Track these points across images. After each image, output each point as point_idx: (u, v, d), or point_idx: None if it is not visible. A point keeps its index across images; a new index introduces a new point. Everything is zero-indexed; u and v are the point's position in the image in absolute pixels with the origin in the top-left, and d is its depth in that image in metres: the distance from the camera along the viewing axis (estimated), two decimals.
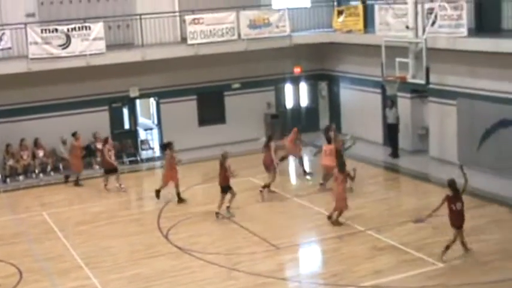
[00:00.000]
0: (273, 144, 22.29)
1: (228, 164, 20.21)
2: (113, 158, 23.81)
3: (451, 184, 16.36)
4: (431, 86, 22.63)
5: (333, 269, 16.29)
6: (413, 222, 18.97)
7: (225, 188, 20.24)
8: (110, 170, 23.84)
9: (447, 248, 16.33)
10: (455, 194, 16.33)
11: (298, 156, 24.35)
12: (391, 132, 25.94)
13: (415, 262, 16.34)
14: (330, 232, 18.65)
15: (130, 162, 27.23)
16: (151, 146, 28.70)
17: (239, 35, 27.38)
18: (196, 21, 26.68)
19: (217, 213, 20.17)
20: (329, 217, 19.21)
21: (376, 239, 17.93)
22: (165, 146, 22.80)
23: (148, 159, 27.88)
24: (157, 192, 22.18)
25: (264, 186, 22.04)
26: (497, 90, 22.16)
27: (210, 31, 26.84)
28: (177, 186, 21.90)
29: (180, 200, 21.87)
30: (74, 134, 24.98)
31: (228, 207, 20.31)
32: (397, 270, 15.93)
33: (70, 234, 19.71)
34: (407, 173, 23.95)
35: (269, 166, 22.23)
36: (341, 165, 19.19)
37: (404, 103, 26.21)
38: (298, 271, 16.98)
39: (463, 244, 16.54)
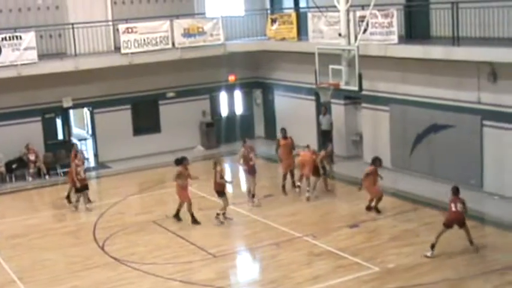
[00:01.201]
0: (243, 151, 22.23)
1: (220, 169, 20.09)
2: (82, 174, 22.16)
3: (453, 189, 17.10)
4: (364, 92, 22.94)
5: (271, 276, 16.36)
6: (349, 227, 19.23)
7: (220, 193, 20.14)
8: (81, 187, 22.19)
9: (433, 247, 16.86)
10: (457, 196, 16.96)
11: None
12: (325, 139, 26.20)
13: (352, 267, 16.52)
14: (267, 239, 18.73)
15: (65, 173, 26.78)
16: (86, 156, 28.38)
17: (173, 43, 27.33)
18: (129, 30, 26.52)
19: (223, 215, 20.13)
20: (373, 209, 20.29)
21: (313, 245, 18.08)
22: (179, 161, 20.43)
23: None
24: (177, 215, 20.54)
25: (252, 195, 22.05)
26: (427, 96, 22.64)
27: (144, 40, 26.72)
28: (190, 205, 20.37)
29: (195, 221, 20.23)
30: (72, 146, 24.59)
31: (217, 214, 20.08)
32: (334, 275, 16.08)
33: (3, 248, 19.32)
34: (341, 178, 24.21)
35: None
36: (374, 160, 20.44)
37: (338, 110, 26.54)
38: (235, 279, 17.01)
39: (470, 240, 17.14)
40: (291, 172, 23.16)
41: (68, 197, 22.89)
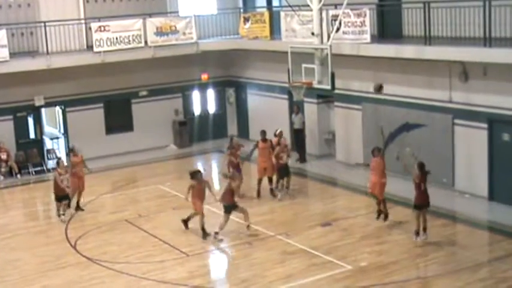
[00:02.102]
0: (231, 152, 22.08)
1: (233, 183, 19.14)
2: (65, 183, 20.72)
3: (421, 165, 17.33)
4: (336, 91, 23.00)
5: (244, 275, 16.37)
6: (321, 225, 19.30)
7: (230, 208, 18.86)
8: (62, 197, 20.82)
9: (417, 233, 17.34)
10: (424, 175, 17.24)
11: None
12: (297, 138, 26.27)
13: (325, 265, 16.58)
14: (240, 238, 18.73)
15: (37, 172, 26.65)
16: (58, 155, 28.18)
17: (146, 42, 27.24)
18: (102, 28, 26.37)
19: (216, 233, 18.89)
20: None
21: (286, 244, 18.11)
22: (193, 175, 19.28)
23: (55, 169, 27.26)
24: (186, 222, 19.55)
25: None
26: (400, 95, 22.77)
27: (117, 38, 26.58)
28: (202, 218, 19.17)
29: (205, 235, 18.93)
30: (71, 150, 22.69)
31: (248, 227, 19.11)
32: (307, 273, 16.13)
33: None
34: (314, 177, 24.29)
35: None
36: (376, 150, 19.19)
37: (310, 108, 26.61)
38: (209, 278, 16.98)
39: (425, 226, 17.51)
40: (269, 178, 22.24)
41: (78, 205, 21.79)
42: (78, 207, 21.65)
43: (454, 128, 21.23)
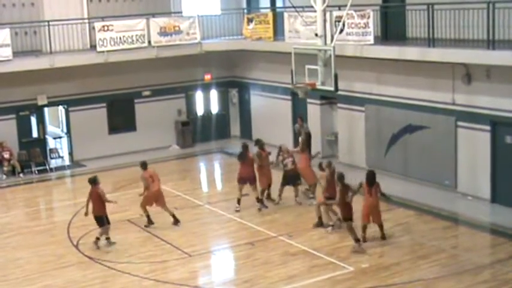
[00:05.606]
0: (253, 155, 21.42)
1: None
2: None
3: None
4: (340, 92, 22.97)
5: (246, 275, 16.37)
6: (323, 227, 19.27)
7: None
8: (105, 219, 18.74)
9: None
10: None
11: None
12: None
13: (327, 266, 16.58)
14: (242, 238, 18.73)
15: (39, 171, 26.67)
16: (61, 154, 28.21)
17: (149, 42, 27.24)
18: (105, 28, 26.37)
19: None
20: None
21: (288, 245, 18.11)
22: None
23: (58, 168, 27.34)
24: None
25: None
26: (403, 97, 22.76)
27: (120, 38, 26.58)
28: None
29: None
30: (143, 165, 20.53)
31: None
32: (309, 275, 16.13)
33: None
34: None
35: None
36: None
37: (313, 110, 26.60)
38: (210, 278, 16.98)
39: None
40: (269, 185, 21.67)
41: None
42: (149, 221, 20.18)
43: (457, 130, 21.21)
